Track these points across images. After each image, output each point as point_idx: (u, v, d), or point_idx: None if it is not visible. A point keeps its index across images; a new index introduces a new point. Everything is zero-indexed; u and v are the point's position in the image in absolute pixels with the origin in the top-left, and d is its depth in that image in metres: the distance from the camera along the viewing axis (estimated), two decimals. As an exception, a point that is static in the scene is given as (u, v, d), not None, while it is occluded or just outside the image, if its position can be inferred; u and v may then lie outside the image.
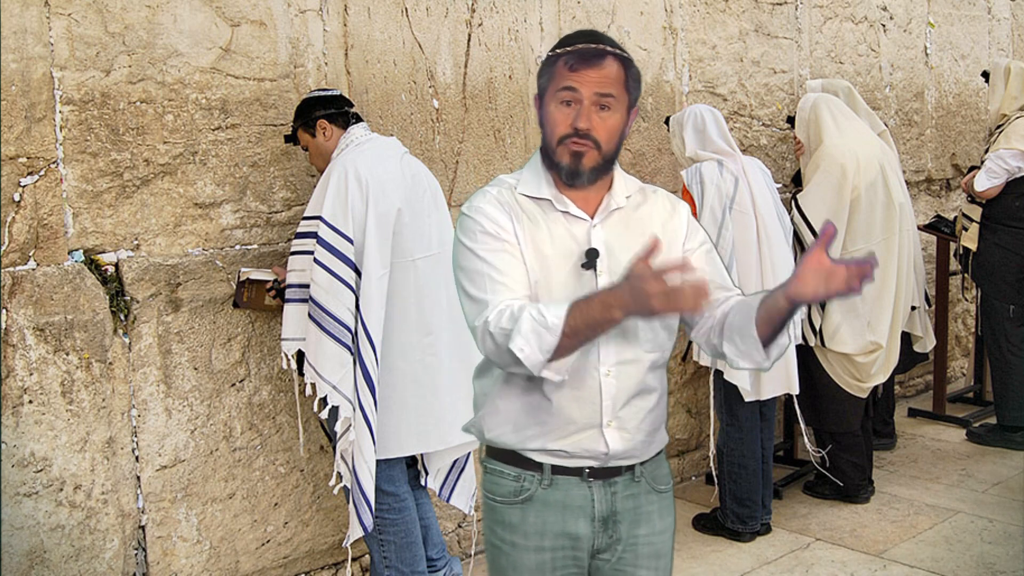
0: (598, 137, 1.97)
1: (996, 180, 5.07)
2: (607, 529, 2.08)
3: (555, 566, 2.08)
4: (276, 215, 3.55)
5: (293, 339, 3.22)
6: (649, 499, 2.11)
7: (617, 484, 2.07)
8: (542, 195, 2.04)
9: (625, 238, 2.03)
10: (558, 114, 1.99)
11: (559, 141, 1.99)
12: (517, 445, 2.06)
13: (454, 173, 4.01)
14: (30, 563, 3.01)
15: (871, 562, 3.95)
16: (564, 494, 2.06)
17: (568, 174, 2.00)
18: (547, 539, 2.08)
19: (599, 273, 1.99)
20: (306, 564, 3.67)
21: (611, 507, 2.07)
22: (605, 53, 1.96)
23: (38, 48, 3.01)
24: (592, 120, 1.96)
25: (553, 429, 2.02)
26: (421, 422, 3.29)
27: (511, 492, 2.09)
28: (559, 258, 2.00)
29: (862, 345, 4.35)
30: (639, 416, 2.04)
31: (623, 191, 2.07)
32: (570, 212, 2.03)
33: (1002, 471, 4.91)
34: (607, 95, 1.96)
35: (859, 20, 5.76)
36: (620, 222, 2.05)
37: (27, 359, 2.99)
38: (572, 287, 1.98)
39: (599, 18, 4.47)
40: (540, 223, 2.02)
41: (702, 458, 4.94)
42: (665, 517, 2.15)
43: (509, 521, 2.10)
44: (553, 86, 1.99)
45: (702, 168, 4.04)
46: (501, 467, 2.11)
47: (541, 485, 2.06)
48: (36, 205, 3.03)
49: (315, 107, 3.32)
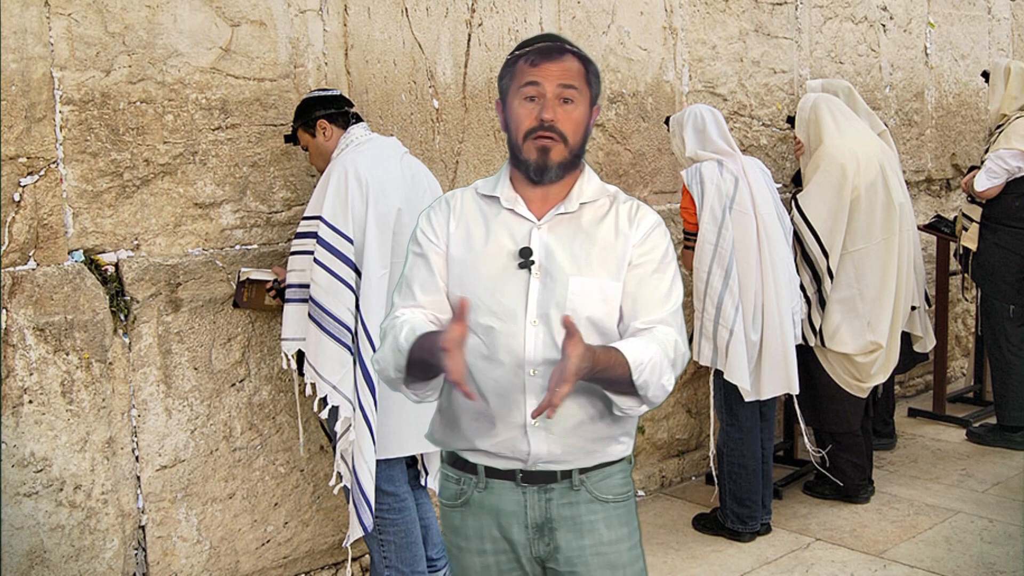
0: (563, 129, 1.98)
1: (996, 180, 5.07)
2: (542, 536, 2.05)
3: (500, 569, 2.09)
4: (276, 215, 3.55)
5: (293, 339, 3.22)
6: (592, 508, 2.05)
7: (553, 491, 2.04)
8: (494, 193, 2.06)
9: (570, 242, 2.01)
10: (522, 110, 1.99)
11: (525, 136, 1.99)
12: (451, 445, 2.09)
13: (454, 173, 4.01)
14: (30, 563, 3.01)
15: (871, 562, 3.95)
16: (498, 498, 2.06)
17: (535, 170, 2.00)
18: (487, 543, 2.08)
19: (533, 274, 1.98)
20: (306, 564, 3.67)
21: (545, 514, 2.04)
22: (564, 50, 1.99)
23: (38, 48, 3.01)
24: (557, 112, 1.97)
25: (484, 428, 2.02)
26: (421, 422, 3.26)
27: (452, 495, 2.12)
28: (491, 256, 2.01)
29: (862, 345, 4.35)
30: (572, 419, 2.00)
31: (580, 196, 2.05)
32: (516, 211, 2.03)
33: (1002, 471, 4.91)
34: (570, 86, 1.97)
35: (859, 20, 5.76)
36: (568, 226, 2.03)
37: (27, 359, 2.99)
38: (501, 286, 1.99)
39: (599, 18, 4.47)
40: (483, 221, 2.04)
41: (702, 458, 4.94)
42: (616, 527, 2.07)
43: (453, 524, 2.13)
44: (515, 84, 2.00)
45: (702, 168, 4.04)
46: (447, 470, 2.15)
47: (477, 488, 2.07)
48: (36, 205, 3.03)
49: (315, 107, 3.32)
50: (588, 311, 1.98)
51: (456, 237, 2.05)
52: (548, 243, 2.01)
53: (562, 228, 2.03)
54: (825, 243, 4.31)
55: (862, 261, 4.34)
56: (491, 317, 1.99)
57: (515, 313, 1.98)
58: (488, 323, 1.99)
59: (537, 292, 1.98)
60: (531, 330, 1.97)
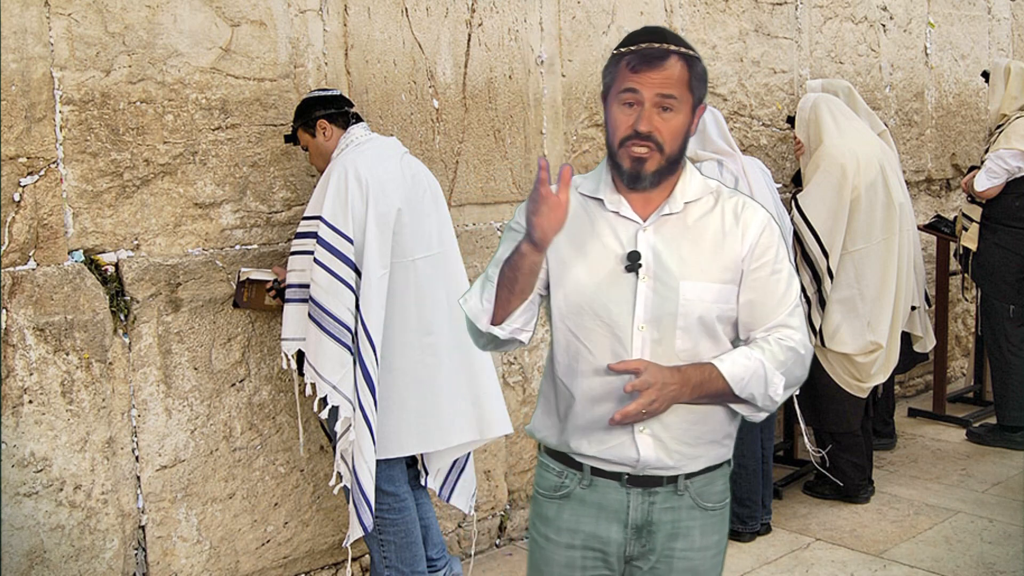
0: (661, 139, 1.93)
1: (996, 180, 5.07)
2: (640, 537, 2.06)
3: (584, 566, 2.09)
4: (276, 215, 3.55)
5: (293, 339, 3.22)
6: (692, 515, 2.06)
7: (657, 494, 2.04)
8: (597, 195, 2.03)
9: (678, 244, 1.99)
10: (620, 115, 1.95)
11: (620, 143, 1.96)
12: (559, 446, 2.08)
13: (454, 173, 4.01)
14: (30, 563, 3.01)
15: (871, 562, 3.95)
16: (601, 496, 2.05)
17: (629, 178, 1.97)
18: (578, 538, 2.08)
19: (641, 278, 1.96)
20: (306, 564, 3.67)
21: (647, 516, 2.05)
22: (668, 53, 1.93)
23: (38, 48, 3.01)
24: (654, 122, 1.92)
25: (590, 432, 2.02)
26: (421, 422, 3.29)
27: (552, 487, 2.11)
28: (599, 260, 1.99)
29: (862, 345, 4.35)
30: (678, 426, 2.00)
31: (684, 195, 2.01)
32: (620, 213, 2.01)
33: (1002, 471, 4.91)
34: (669, 96, 1.92)
35: (859, 20, 5.76)
36: (675, 227, 2.00)
37: (27, 359, 2.98)
38: (611, 290, 1.97)
39: (599, 18, 4.47)
40: (589, 223, 2.02)
41: (702, 458, 4.94)
42: (708, 535, 2.09)
43: (546, 515, 2.12)
44: (615, 87, 1.96)
45: (702, 168, 4.00)
46: (547, 461, 2.13)
47: (580, 484, 2.06)
48: (36, 205, 3.03)
49: (315, 107, 3.32)
50: (699, 312, 1.97)
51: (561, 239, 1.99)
52: (655, 245, 1.98)
53: (668, 229, 2.00)
54: (825, 243, 4.31)
55: (862, 261, 4.34)
56: (597, 322, 1.98)
57: (622, 319, 1.97)
58: (594, 327, 1.98)
59: (644, 297, 1.96)
60: (638, 335, 1.96)
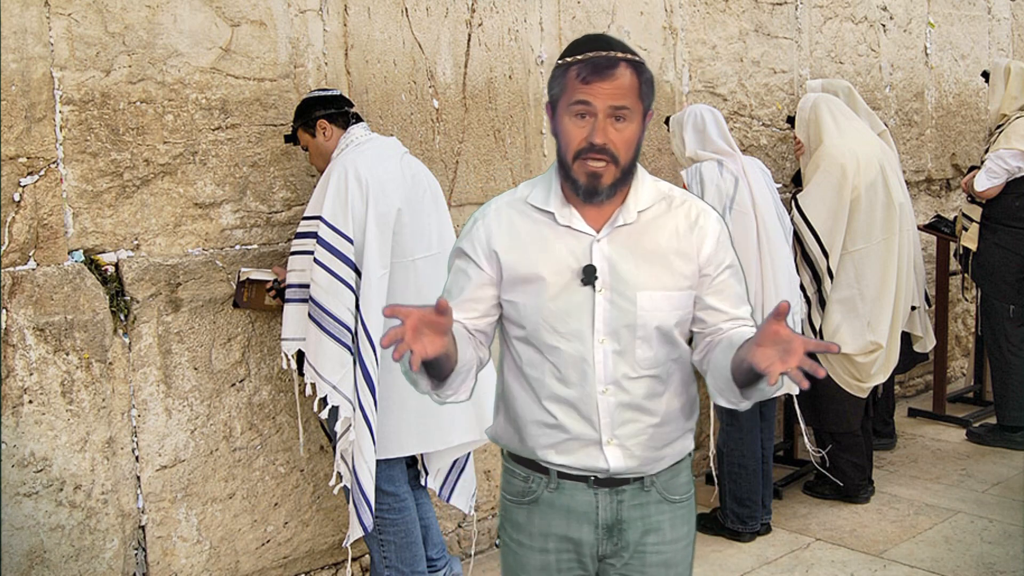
0: (615, 151, 1.91)
1: (996, 180, 5.07)
2: (611, 536, 2.06)
3: (560, 568, 2.09)
4: (276, 215, 3.55)
5: (293, 339, 3.22)
6: (660, 508, 2.07)
7: (624, 492, 2.05)
8: (548, 207, 2.00)
9: (632, 254, 1.98)
10: (573, 128, 1.92)
11: (575, 157, 1.93)
12: (525, 453, 2.08)
13: (454, 173, 4.01)
14: (30, 563, 3.01)
15: (871, 562, 3.95)
16: (569, 499, 2.05)
17: (586, 193, 1.94)
18: (551, 541, 2.08)
19: (598, 290, 1.95)
20: (306, 564, 3.67)
21: (616, 515, 2.05)
22: (617, 61, 1.89)
23: (38, 48, 3.01)
24: (608, 133, 1.90)
25: (556, 443, 2.02)
26: (421, 422, 3.29)
27: (519, 492, 2.10)
28: (554, 274, 1.97)
29: (862, 345, 4.35)
30: (642, 434, 2.01)
31: (637, 204, 1.99)
32: (572, 227, 1.99)
33: (1002, 471, 4.91)
34: (622, 107, 1.90)
35: (859, 20, 5.76)
36: (629, 236, 1.98)
37: (27, 359, 2.99)
38: (568, 304, 1.96)
39: (599, 18, 4.47)
40: (541, 238, 2.00)
41: (702, 458, 4.94)
42: (678, 527, 2.10)
43: (517, 520, 2.11)
44: (566, 98, 1.92)
45: (702, 168, 4.04)
46: (513, 466, 2.13)
47: (547, 488, 2.06)
48: (36, 205, 3.03)
49: (315, 107, 3.32)
50: (657, 322, 1.97)
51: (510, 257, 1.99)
52: (610, 256, 1.97)
53: (622, 239, 1.98)
54: (825, 243, 4.31)
55: (862, 261, 4.34)
56: (557, 338, 1.97)
57: (582, 333, 1.96)
58: (555, 343, 1.97)
59: (603, 309, 1.96)
60: (599, 348, 1.96)
